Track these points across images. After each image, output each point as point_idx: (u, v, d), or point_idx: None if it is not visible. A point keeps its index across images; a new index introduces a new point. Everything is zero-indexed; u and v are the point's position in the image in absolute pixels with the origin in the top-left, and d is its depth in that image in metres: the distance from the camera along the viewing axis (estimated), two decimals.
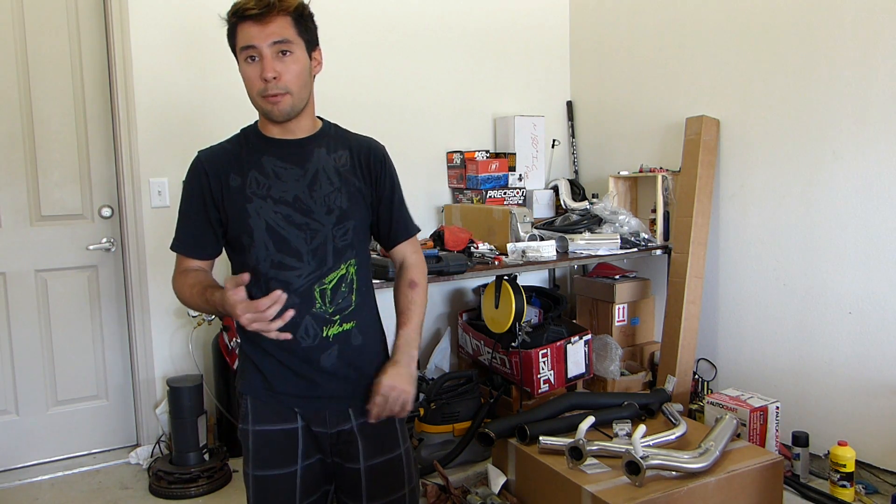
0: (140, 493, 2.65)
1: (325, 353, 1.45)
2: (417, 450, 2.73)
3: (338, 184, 1.46)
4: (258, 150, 1.46)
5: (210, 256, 1.51)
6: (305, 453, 1.47)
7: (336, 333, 1.46)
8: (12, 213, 2.79)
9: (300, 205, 1.43)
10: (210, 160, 1.47)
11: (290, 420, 1.47)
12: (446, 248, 2.84)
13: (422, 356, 3.42)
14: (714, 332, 3.13)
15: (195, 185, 1.46)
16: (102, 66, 2.87)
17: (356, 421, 1.49)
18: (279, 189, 1.43)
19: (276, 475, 1.45)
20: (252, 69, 1.39)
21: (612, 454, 2.23)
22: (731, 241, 3.04)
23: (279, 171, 1.44)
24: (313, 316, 1.44)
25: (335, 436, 1.49)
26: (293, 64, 1.39)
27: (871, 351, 2.55)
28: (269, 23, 1.35)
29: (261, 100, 1.40)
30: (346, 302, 1.47)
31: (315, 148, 1.48)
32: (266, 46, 1.36)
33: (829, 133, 2.64)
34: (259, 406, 1.47)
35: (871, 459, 2.54)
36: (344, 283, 1.47)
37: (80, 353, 2.93)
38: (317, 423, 1.48)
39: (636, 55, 3.46)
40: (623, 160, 3.55)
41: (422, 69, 3.43)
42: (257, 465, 1.46)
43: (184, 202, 1.49)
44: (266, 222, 1.42)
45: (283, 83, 1.38)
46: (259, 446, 1.46)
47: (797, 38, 2.72)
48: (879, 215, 2.51)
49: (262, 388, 1.47)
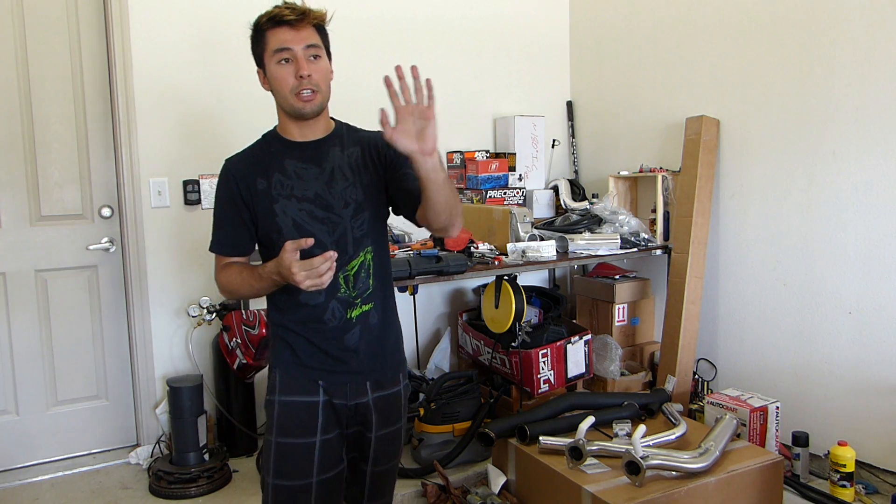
0: (140, 493, 2.65)
1: (348, 333, 1.60)
2: (417, 450, 2.73)
3: (352, 179, 1.60)
4: (280, 154, 1.60)
5: (246, 253, 1.66)
6: (324, 428, 1.60)
7: (358, 315, 1.61)
8: (12, 213, 2.79)
9: (321, 201, 1.57)
10: (237, 166, 1.62)
11: (313, 393, 1.60)
12: (446, 248, 2.84)
13: (422, 356, 3.43)
14: (714, 332, 3.13)
15: (226, 190, 1.61)
16: (102, 66, 2.87)
17: (372, 395, 1.65)
18: (301, 188, 1.57)
19: (296, 443, 1.59)
20: (286, 69, 1.53)
21: (612, 454, 2.23)
22: (731, 241, 3.04)
23: (300, 172, 1.58)
24: (339, 300, 1.59)
25: (353, 408, 1.63)
26: (322, 66, 1.56)
27: (871, 351, 2.55)
28: (302, 29, 1.53)
29: (293, 98, 1.54)
30: (365, 285, 1.61)
31: (330, 147, 1.61)
32: (300, 49, 1.52)
33: (829, 133, 2.64)
34: (287, 378, 1.61)
35: (871, 459, 2.54)
36: (363, 269, 1.61)
37: (80, 353, 2.93)
38: (338, 395, 1.62)
39: (636, 55, 3.46)
40: (623, 160, 3.55)
41: (422, 69, 3.42)
42: (280, 433, 1.59)
43: (217, 207, 1.64)
44: (292, 220, 1.56)
45: (316, 81, 1.54)
46: (283, 416, 1.60)
47: (797, 38, 2.72)
48: (879, 215, 2.51)
49: (292, 362, 1.61)
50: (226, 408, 2.91)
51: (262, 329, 2.76)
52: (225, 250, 1.64)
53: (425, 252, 2.71)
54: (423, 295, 3.45)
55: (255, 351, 2.76)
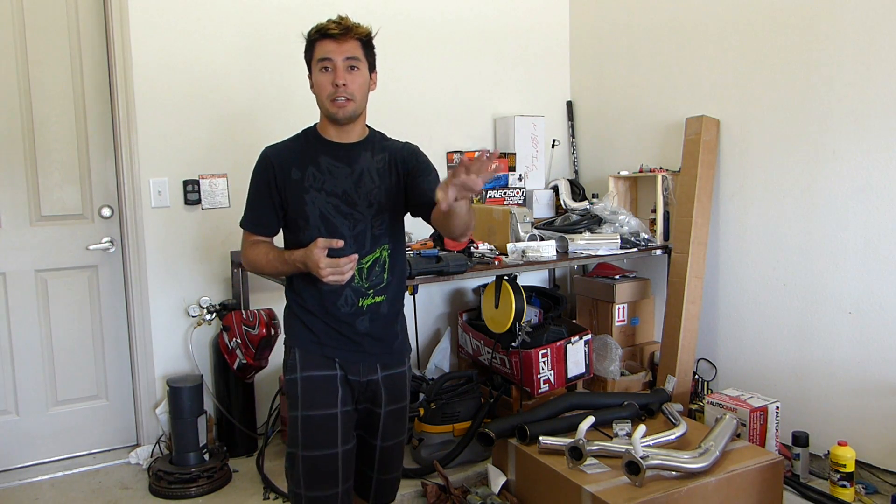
0: (140, 493, 2.65)
1: (359, 319, 1.77)
2: (417, 450, 2.73)
3: (378, 182, 1.77)
4: (316, 150, 1.76)
5: (272, 234, 1.83)
6: (343, 400, 1.76)
7: (369, 304, 1.77)
8: (12, 213, 2.79)
9: (347, 198, 1.74)
10: (276, 155, 1.77)
11: (332, 368, 1.76)
12: (446, 248, 2.84)
13: (422, 356, 3.43)
14: (714, 332, 3.13)
15: (263, 175, 1.77)
16: (102, 66, 2.87)
17: (381, 374, 1.82)
18: (331, 184, 1.74)
19: (321, 414, 1.74)
20: (325, 77, 1.70)
21: (612, 454, 2.23)
22: (731, 241, 3.04)
23: (332, 169, 1.75)
24: (352, 289, 1.75)
25: (365, 384, 1.80)
26: (359, 77, 1.72)
27: (871, 351, 2.55)
28: (344, 42, 1.69)
29: (329, 103, 1.71)
30: (378, 279, 1.78)
31: (362, 151, 1.78)
32: (340, 60, 1.69)
33: (828, 133, 2.64)
34: (306, 356, 1.77)
35: (871, 459, 2.54)
36: (378, 264, 1.78)
37: (80, 353, 2.93)
38: (353, 371, 1.78)
39: (636, 55, 3.46)
40: (623, 160, 3.54)
41: (422, 69, 3.43)
42: (305, 406, 1.74)
43: (252, 188, 1.79)
44: (320, 210, 1.73)
45: (350, 90, 1.70)
46: (307, 390, 1.75)
47: (797, 38, 2.72)
48: (879, 215, 2.51)
49: (310, 341, 1.77)
50: (226, 408, 2.91)
51: (262, 329, 2.76)
52: (255, 229, 1.80)
53: (425, 252, 2.71)
54: (423, 295, 3.45)
55: (255, 351, 2.76)
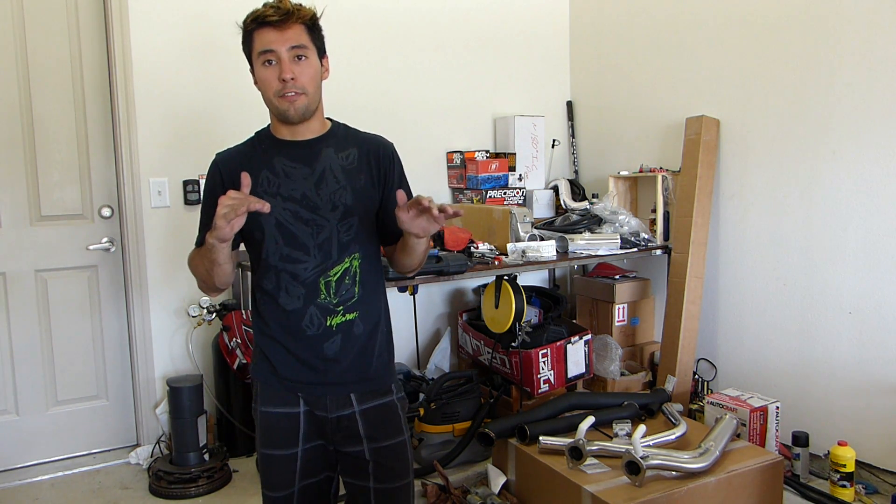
0: (140, 493, 2.65)
1: (328, 342, 1.53)
2: (417, 450, 2.73)
3: (343, 182, 1.54)
4: (270, 151, 1.55)
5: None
6: (307, 436, 1.57)
7: (339, 323, 1.53)
8: (12, 213, 2.78)
9: (307, 202, 1.51)
10: (225, 162, 1.58)
11: (293, 404, 1.56)
12: (446, 248, 2.84)
13: (422, 356, 3.43)
14: (714, 332, 3.13)
15: (210, 186, 1.58)
16: (102, 66, 2.87)
17: (358, 407, 1.56)
18: (288, 187, 1.52)
19: (278, 455, 1.56)
20: (270, 72, 1.47)
21: (612, 454, 2.23)
22: (731, 241, 3.04)
23: (288, 171, 1.53)
24: (318, 306, 1.52)
25: (335, 421, 1.56)
26: (308, 67, 1.49)
27: (871, 351, 2.55)
28: (287, 29, 1.45)
29: (278, 100, 1.49)
30: (349, 293, 1.54)
31: (323, 148, 1.56)
32: (284, 50, 1.46)
33: (828, 133, 2.64)
34: (266, 390, 1.58)
35: (871, 459, 2.54)
36: (348, 276, 1.54)
37: (80, 353, 2.93)
38: (319, 407, 1.56)
39: (636, 55, 3.46)
40: (623, 160, 3.54)
41: (422, 69, 3.43)
42: (263, 444, 1.58)
43: (204, 202, 1.61)
44: (276, 218, 1.50)
45: (300, 84, 1.48)
46: (265, 427, 1.58)
47: (797, 37, 2.72)
48: (879, 215, 2.51)
49: (269, 373, 1.57)
50: (226, 408, 2.91)
51: None
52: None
53: None
54: (423, 295, 3.45)
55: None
